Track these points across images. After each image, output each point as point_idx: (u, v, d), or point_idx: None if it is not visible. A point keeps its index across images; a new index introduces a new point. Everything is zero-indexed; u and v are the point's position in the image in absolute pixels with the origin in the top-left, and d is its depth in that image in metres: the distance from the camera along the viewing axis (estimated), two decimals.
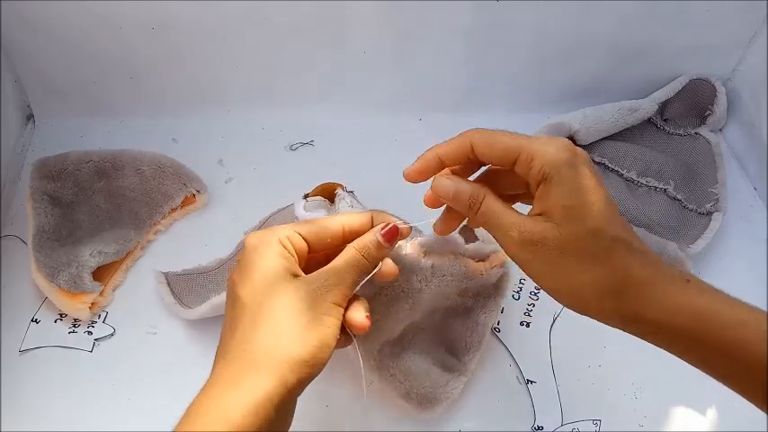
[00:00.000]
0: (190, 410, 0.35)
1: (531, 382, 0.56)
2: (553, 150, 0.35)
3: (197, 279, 0.61)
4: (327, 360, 0.36)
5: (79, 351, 0.57)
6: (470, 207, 0.39)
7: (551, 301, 0.57)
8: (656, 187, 0.69)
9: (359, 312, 0.39)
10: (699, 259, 0.65)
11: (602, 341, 0.59)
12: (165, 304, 0.59)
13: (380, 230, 0.40)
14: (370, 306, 0.41)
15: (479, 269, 0.52)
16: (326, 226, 0.41)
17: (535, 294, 0.62)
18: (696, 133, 0.75)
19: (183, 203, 0.67)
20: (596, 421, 0.54)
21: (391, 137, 0.77)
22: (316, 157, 0.74)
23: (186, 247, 0.64)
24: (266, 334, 0.35)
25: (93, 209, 0.64)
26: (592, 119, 0.70)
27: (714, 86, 0.75)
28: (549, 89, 0.78)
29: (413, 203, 0.65)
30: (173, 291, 0.60)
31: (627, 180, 0.70)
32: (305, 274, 0.39)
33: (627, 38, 0.73)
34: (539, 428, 0.54)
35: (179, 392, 0.54)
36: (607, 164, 0.70)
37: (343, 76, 0.75)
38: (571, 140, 0.69)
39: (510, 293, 0.62)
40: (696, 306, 0.34)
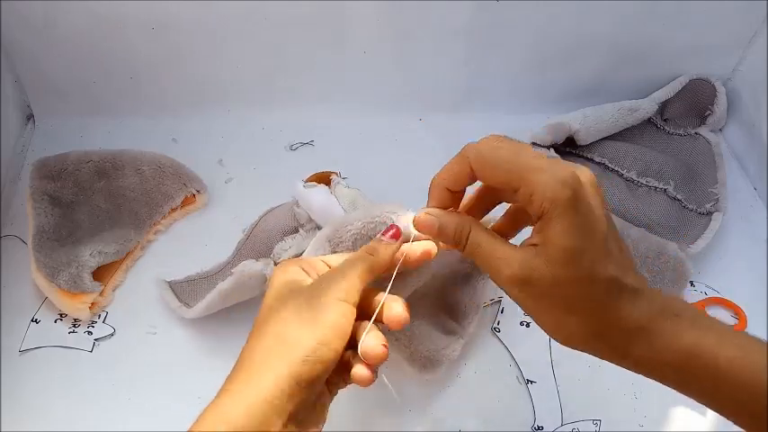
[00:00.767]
0: (196, 421, 0.35)
1: (532, 381, 0.56)
2: (553, 186, 0.33)
3: (200, 283, 0.61)
4: (332, 355, 0.36)
5: (79, 351, 0.57)
6: (457, 241, 0.38)
7: None
8: (656, 187, 0.69)
9: (374, 340, 0.37)
10: (699, 259, 0.65)
11: None
12: (171, 309, 0.59)
13: (383, 234, 0.41)
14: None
15: None
16: (353, 259, 0.40)
17: None
18: (696, 133, 0.75)
19: (183, 203, 0.67)
20: (596, 421, 0.54)
21: (391, 137, 0.77)
22: (316, 157, 0.74)
23: (186, 247, 0.64)
24: (265, 339, 0.36)
25: (93, 209, 0.64)
26: (592, 119, 0.70)
27: (714, 86, 0.75)
28: (549, 89, 0.78)
29: (413, 203, 0.65)
30: (177, 296, 0.59)
31: (627, 180, 0.70)
32: None
33: (627, 38, 0.73)
34: (539, 428, 0.54)
35: (179, 392, 0.55)
36: (607, 164, 0.70)
37: (343, 76, 0.75)
38: (571, 140, 0.70)
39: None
40: (684, 343, 0.34)
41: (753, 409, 0.32)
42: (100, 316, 0.59)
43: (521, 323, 0.60)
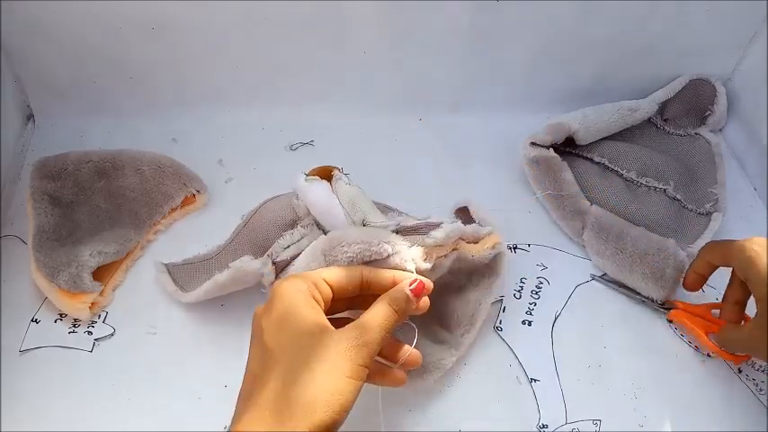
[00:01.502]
0: None
1: (535, 380, 0.56)
2: None
3: (197, 267, 0.61)
4: (344, 420, 0.38)
5: (79, 351, 0.57)
6: None
7: (552, 299, 0.57)
8: (655, 187, 0.69)
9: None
10: None
11: (602, 341, 0.59)
12: (167, 293, 0.60)
13: (409, 285, 0.44)
14: None
15: (471, 251, 0.53)
16: (349, 274, 0.44)
17: (536, 293, 0.62)
18: (696, 133, 0.75)
19: (183, 203, 0.67)
20: (596, 421, 0.54)
21: (391, 137, 0.77)
22: (316, 157, 0.73)
23: (186, 247, 0.64)
24: (298, 388, 0.37)
25: (93, 209, 0.64)
26: (592, 119, 0.70)
27: (714, 86, 0.75)
28: (549, 89, 0.78)
29: (412, 203, 0.66)
30: (174, 280, 0.60)
31: (626, 180, 0.70)
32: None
33: (627, 38, 0.73)
34: (544, 426, 0.54)
35: (179, 392, 0.55)
36: (607, 164, 0.70)
37: (343, 76, 0.75)
38: (571, 140, 0.70)
39: (512, 290, 0.62)
40: None
41: None
42: (100, 316, 0.59)
43: (522, 322, 0.60)
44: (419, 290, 0.44)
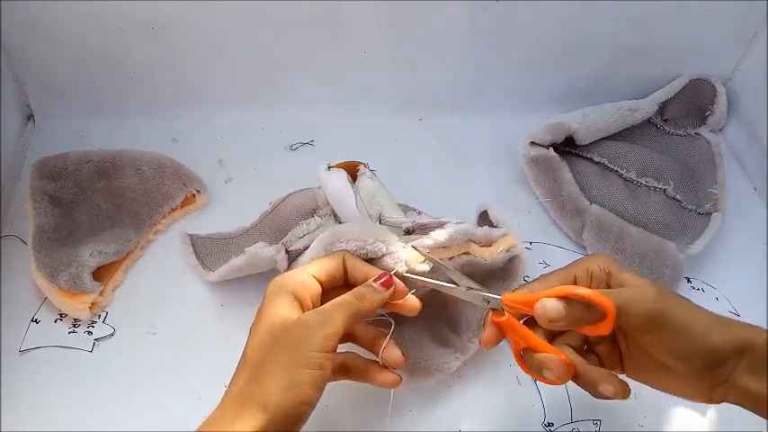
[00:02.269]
0: None
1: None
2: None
3: (220, 243, 0.63)
4: (307, 409, 0.39)
5: (79, 351, 0.57)
6: None
7: None
8: (655, 187, 0.69)
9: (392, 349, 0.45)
10: (698, 259, 0.65)
11: None
12: (187, 265, 0.61)
13: (375, 280, 0.44)
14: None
15: (483, 255, 0.52)
16: (332, 263, 0.45)
17: None
18: (696, 133, 0.75)
19: (183, 203, 0.67)
20: (596, 421, 0.54)
21: (391, 137, 0.77)
22: (316, 157, 0.73)
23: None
24: (256, 384, 0.39)
25: (93, 209, 0.64)
26: (591, 119, 0.70)
27: (714, 86, 0.75)
28: (549, 89, 0.78)
29: (412, 203, 0.66)
30: (196, 252, 0.62)
31: (626, 180, 0.70)
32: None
33: (627, 38, 0.73)
34: (549, 424, 0.54)
35: (179, 392, 0.55)
36: (606, 164, 0.70)
37: (343, 76, 0.75)
38: (570, 140, 0.70)
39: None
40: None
41: None
42: (100, 316, 0.59)
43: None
44: (387, 283, 0.44)
